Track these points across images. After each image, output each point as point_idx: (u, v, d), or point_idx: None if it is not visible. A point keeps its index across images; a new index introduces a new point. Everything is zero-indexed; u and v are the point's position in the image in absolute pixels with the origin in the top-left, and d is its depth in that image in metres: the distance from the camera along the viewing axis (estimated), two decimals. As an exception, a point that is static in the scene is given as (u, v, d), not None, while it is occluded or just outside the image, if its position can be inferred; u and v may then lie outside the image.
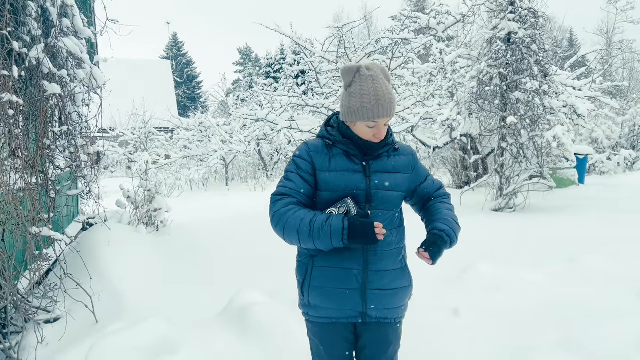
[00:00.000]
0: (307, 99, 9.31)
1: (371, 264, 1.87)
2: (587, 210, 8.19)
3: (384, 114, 1.83)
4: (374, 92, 1.82)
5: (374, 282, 1.88)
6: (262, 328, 3.06)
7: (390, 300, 1.92)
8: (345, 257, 1.85)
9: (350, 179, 1.85)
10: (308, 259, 1.94)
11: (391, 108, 1.84)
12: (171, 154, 15.27)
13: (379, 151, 1.93)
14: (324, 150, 1.92)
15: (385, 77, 1.89)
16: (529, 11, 7.95)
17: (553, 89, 8.15)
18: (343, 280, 1.87)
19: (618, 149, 15.56)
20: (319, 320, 1.94)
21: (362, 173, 1.87)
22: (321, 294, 1.90)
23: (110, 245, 4.68)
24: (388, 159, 1.94)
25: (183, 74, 45.29)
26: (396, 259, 1.95)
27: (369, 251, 1.87)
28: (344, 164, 1.88)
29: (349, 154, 1.90)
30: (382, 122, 1.86)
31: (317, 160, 1.91)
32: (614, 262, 4.94)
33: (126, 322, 3.18)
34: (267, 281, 4.43)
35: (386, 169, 1.91)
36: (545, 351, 3.12)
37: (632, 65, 25.79)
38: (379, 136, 1.87)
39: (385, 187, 1.88)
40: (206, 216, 8.55)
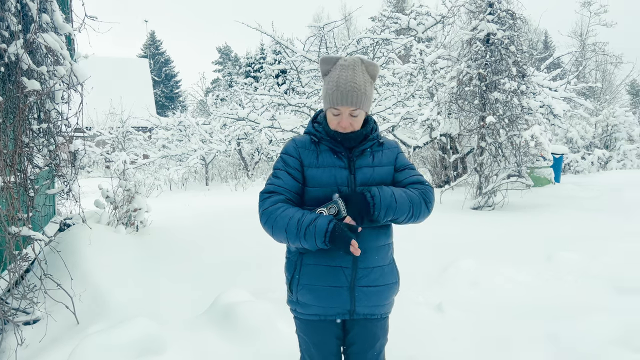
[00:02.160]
0: (288, 98, 9.29)
1: (360, 261, 1.88)
2: (563, 208, 8.38)
3: (342, 101, 1.83)
4: (337, 79, 1.85)
5: (363, 278, 1.89)
6: (248, 326, 3.05)
7: (378, 297, 1.93)
8: (335, 254, 1.86)
9: (336, 175, 1.86)
10: (297, 257, 1.94)
11: (352, 97, 1.82)
12: (150, 154, 15.05)
13: (363, 146, 1.93)
14: (311, 147, 1.94)
15: (367, 69, 1.90)
16: (507, 13, 8.10)
17: (530, 90, 8.32)
18: (332, 278, 1.87)
19: (592, 149, 15.95)
20: (307, 317, 1.95)
21: (347, 169, 1.89)
22: (310, 291, 1.90)
23: (91, 245, 4.60)
24: (372, 154, 1.94)
25: (161, 73, 44.71)
26: (385, 255, 1.96)
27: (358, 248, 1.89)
28: (330, 160, 1.89)
29: (335, 151, 1.91)
30: (345, 111, 1.86)
31: (304, 156, 1.92)
32: (589, 259, 5.06)
33: (108, 322, 3.14)
34: (251, 280, 4.42)
35: (370, 164, 1.92)
36: (525, 345, 3.19)
37: (605, 67, 26.43)
38: (342, 125, 1.86)
39: (369, 182, 1.88)
40: (186, 216, 8.46)
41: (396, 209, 1.82)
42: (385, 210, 1.79)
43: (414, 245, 4.90)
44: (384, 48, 10.18)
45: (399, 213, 1.83)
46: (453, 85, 8.56)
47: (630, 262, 4.90)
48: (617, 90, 27.66)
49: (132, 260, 5.04)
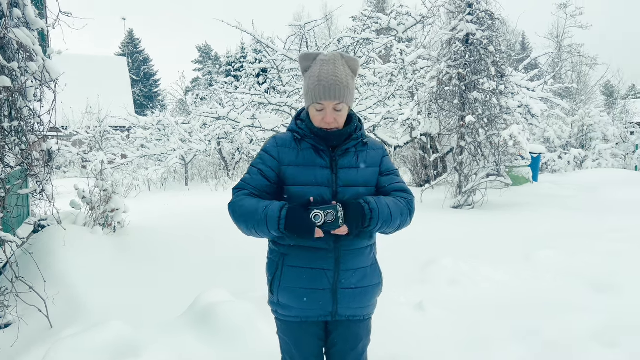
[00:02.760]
0: (269, 97, 9.23)
1: (342, 263, 1.85)
2: (541, 207, 8.50)
3: (325, 95, 1.78)
4: (318, 73, 1.81)
5: (345, 280, 1.86)
6: (228, 327, 3.00)
7: (361, 299, 1.91)
8: (317, 256, 1.83)
9: (317, 175, 1.82)
10: (279, 257, 1.90)
11: (335, 90, 1.78)
12: (128, 154, 14.82)
13: (346, 145, 1.88)
14: (292, 144, 1.89)
15: (347, 64, 1.86)
16: (486, 13, 8.18)
17: (509, 90, 8.41)
18: (314, 280, 1.84)
19: (568, 148, 16.24)
20: (288, 318, 1.91)
21: (329, 169, 1.84)
22: (291, 293, 1.87)
23: (66, 246, 4.49)
24: (356, 154, 1.89)
25: (140, 72, 44.06)
26: (367, 256, 1.93)
27: (340, 250, 1.84)
28: (311, 158, 1.85)
29: (317, 149, 1.86)
30: (329, 106, 1.81)
31: (284, 154, 1.87)
32: (566, 257, 5.13)
33: (83, 326, 3.06)
34: (231, 280, 4.36)
35: (353, 165, 1.87)
36: (505, 343, 3.20)
37: (580, 69, 26.96)
38: (327, 120, 1.81)
39: (351, 183, 1.84)
40: (165, 216, 8.34)
41: (390, 223, 1.81)
42: (381, 224, 1.78)
43: (394, 244, 4.89)
44: (365, 48, 10.19)
45: (392, 226, 1.83)
46: (433, 85, 8.62)
47: (606, 260, 4.98)
48: (592, 91, 28.24)
49: (109, 262, 4.94)
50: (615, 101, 28.11)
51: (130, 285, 4.35)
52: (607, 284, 4.21)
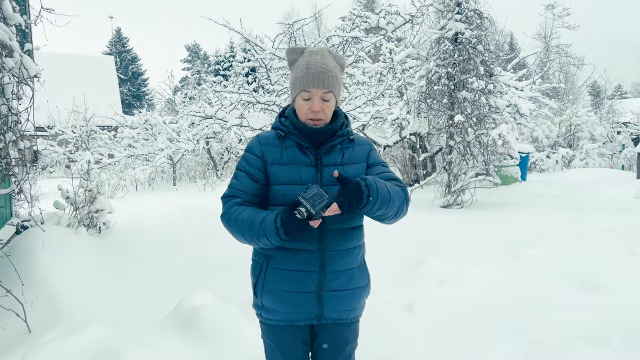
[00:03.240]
0: (257, 96, 9.14)
1: (328, 265, 1.78)
2: (530, 206, 8.53)
3: (314, 82, 1.73)
4: (307, 62, 1.76)
5: (331, 282, 1.79)
6: (212, 330, 2.93)
7: (347, 301, 1.84)
8: (302, 258, 1.76)
9: (302, 173, 1.76)
10: (263, 259, 1.85)
11: (323, 78, 1.73)
12: (115, 153, 14.63)
13: (332, 142, 1.82)
14: (275, 142, 1.82)
15: (335, 59, 1.82)
16: (475, 12, 8.17)
17: (498, 89, 8.42)
18: (298, 283, 1.77)
19: (556, 148, 16.35)
20: (273, 322, 1.85)
21: (313, 167, 1.78)
22: (275, 296, 1.81)
23: (46, 248, 4.37)
24: (342, 151, 1.83)
25: (128, 71, 43.68)
26: (355, 258, 1.86)
27: (326, 251, 1.78)
28: (295, 156, 1.79)
29: (302, 147, 1.80)
30: (317, 94, 1.75)
31: (268, 153, 1.81)
32: (554, 256, 5.15)
33: (63, 330, 2.96)
34: (218, 282, 4.30)
35: (338, 162, 1.81)
36: (494, 343, 3.18)
37: (568, 69, 27.18)
38: (314, 108, 1.75)
39: (335, 182, 1.73)
40: (152, 217, 8.21)
41: (389, 203, 1.69)
42: (380, 202, 1.66)
43: (382, 244, 4.86)
44: (354, 47, 10.15)
45: (390, 207, 1.71)
46: (422, 84, 8.59)
47: (594, 260, 5.00)
48: (580, 91, 28.51)
49: (93, 264, 4.84)
50: (602, 101, 28.41)
51: (114, 288, 4.25)
52: (595, 284, 4.22)
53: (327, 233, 1.77)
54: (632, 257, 5.08)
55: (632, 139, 18.95)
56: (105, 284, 4.32)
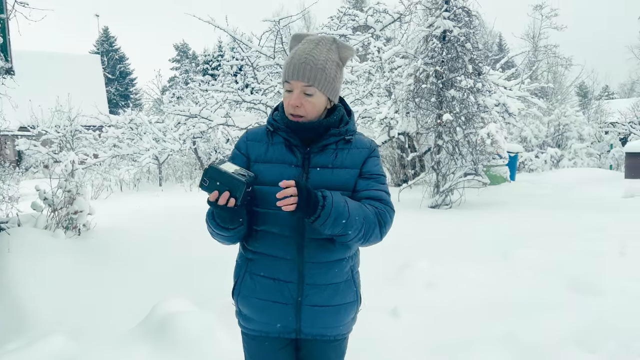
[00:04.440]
0: (243, 95, 8.97)
1: (307, 277, 1.61)
2: (518, 206, 8.49)
3: (293, 73, 1.56)
4: (294, 51, 1.60)
5: (311, 297, 1.62)
6: (185, 339, 2.77)
7: (329, 318, 1.65)
8: (278, 266, 1.61)
9: (284, 173, 1.57)
10: (243, 262, 1.69)
11: (304, 70, 1.55)
12: (99, 153, 14.35)
13: (325, 141, 1.62)
14: (264, 138, 1.67)
15: (338, 50, 1.63)
16: (463, 10, 8.08)
17: (486, 88, 8.34)
18: (274, 292, 1.62)
19: (545, 148, 16.36)
20: (250, 332, 1.70)
21: (300, 167, 1.60)
22: (250, 304, 1.66)
23: (19, 251, 4.19)
24: (335, 152, 1.63)
25: (115, 70, 43.19)
26: (340, 271, 1.66)
27: (304, 262, 1.60)
28: (281, 154, 1.62)
29: (290, 144, 1.62)
30: (296, 87, 1.57)
31: (253, 150, 1.65)
32: (543, 256, 5.10)
33: (27, 339, 2.79)
34: (200, 285, 4.17)
35: (327, 164, 1.61)
36: (484, 346, 3.08)
37: (556, 69, 27.30)
38: (291, 102, 1.57)
39: (323, 185, 1.56)
40: (136, 218, 8.04)
41: (346, 223, 1.49)
42: (333, 218, 1.47)
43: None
44: (342, 45, 10.00)
45: (348, 228, 1.50)
46: (410, 83, 8.49)
47: (584, 259, 4.94)
48: (568, 92, 28.65)
49: (69, 267, 4.67)
50: (590, 101, 28.60)
51: (89, 292, 4.08)
52: (586, 284, 4.15)
53: (306, 242, 1.59)
54: (623, 257, 5.02)
55: (619, 139, 19.06)
56: (79, 288, 4.14)
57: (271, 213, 1.58)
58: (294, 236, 1.58)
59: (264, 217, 1.61)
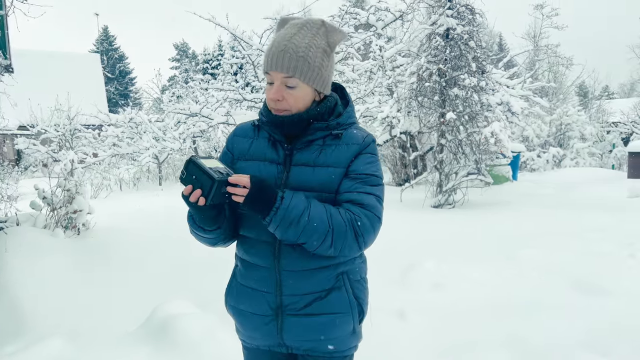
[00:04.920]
0: (244, 93, 8.89)
1: (285, 287, 1.45)
2: (521, 205, 8.43)
3: (270, 63, 1.40)
4: (274, 38, 1.44)
5: (291, 307, 1.46)
6: (186, 342, 2.70)
7: (315, 331, 1.47)
8: (257, 275, 1.48)
9: (264, 172, 1.45)
10: (234, 268, 1.60)
11: (282, 59, 1.38)
12: (99, 152, 14.28)
13: (310, 136, 1.46)
14: (249, 133, 1.55)
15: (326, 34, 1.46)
16: (467, 7, 8.01)
17: (490, 86, 8.26)
18: (253, 303, 1.50)
19: (547, 147, 16.29)
20: (244, 342, 1.61)
21: (281, 165, 1.46)
22: (235, 314, 1.57)
23: (17, 251, 4.12)
24: (320, 149, 1.46)
25: (115, 70, 43.10)
26: (325, 279, 1.47)
27: (282, 271, 1.45)
28: (262, 151, 1.49)
29: (273, 140, 1.49)
30: (276, 79, 1.41)
31: (237, 146, 1.55)
32: (548, 256, 5.05)
33: (25, 342, 2.72)
34: (202, 287, 4.08)
35: (309, 162, 1.44)
36: (490, 348, 3.01)
37: (557, 69, 27.21)
38: (270, 96, 1.42)
39: (303, 185, 1.41)
40: (136, 218, 7.97)
41: (305, 230, 1.33)
42: (287, 223, 1.32)
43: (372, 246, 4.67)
44: (344, 43, 9.93)
45: (307, 235, 1.34)
46: (413, 81, 8.41)
47: (591, 260, 4.88)
48: (568, 91, 28.57)
49: (68, 267, 4.59)
50: (590, 101, 28.54)
51: (89, 293, 4.01)
52: (594, 285, 4.09)
53: (283, 249, 1.44)
54: (632, 258, 4.94)
55: (621, 139, 19.00)
56: (78, 288, 4.07)
57: (247, 216, 1.47)
58: (271, 242, 1.44)
59: (242, 221, 1.50)
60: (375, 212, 1.42)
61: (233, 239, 1.55)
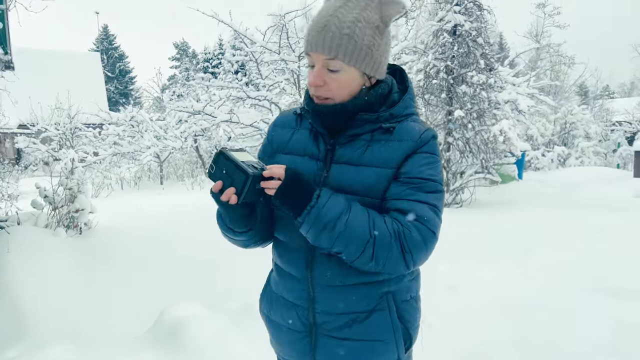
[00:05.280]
0: (248, 90, 8.76)
1: (318, 302, 1.27)
2: (527, 205, 8.35)
3: (310, 43, 1.20)
4: (316, 14, 1.23)
5: (326, 325, 1.28)
6: (197, 346, 2.58)
7: (353, 355, 1.28)
8: (288, 283, 1.32)
9: (301, 168, 1.25)
10: (271, 269, 1.44)
11: (322, 38, 1.17)
12: (100, 151, 14.17)
13: (356, 130, 1.24)
14: (291, 124, 1.37)
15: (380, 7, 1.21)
16: (474, 4, 7.89)
17: (498, 84, 8.15)
18: (285, 315, 1.33)
19: (551, 146, 16.18)
20: (277, 354, 1.45)
21: (321, 162, 1.26)
22: (267, 324, 1.42)
23: (18, 251, 3.99)
24: (366, 145, 1.24)
25: (115, 69, 42.97)
26: (364, 297, 1.26)
27: (315, 284, 1.26)
28: (303, 144, 1.30)
29: (316, 132, 1.30)
30: (317, 61, 1.20)
31: (277, 138, 1.38)
32: (559, 256, 4.99)
33: (26, 346, 2.59)
34: (208, 287, 4.00)
35: (353, 160, 1.24)
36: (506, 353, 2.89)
37: (559, 68, 27.10)
38: (310, 81, 1.22)
39: (344, 187, 1.21)
40: (138, 217, 7.87)
41: (339, 237, 1.14)
42: (321, 226, 1.14)
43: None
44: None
45: (341, 244, 1.14)
46: (420, 79, 8.29)
47: (595, 260, 4.77)
48: (571, 90, 28.47)
49: (71, 268, 4.47)
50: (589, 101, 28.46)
51: (92, 294, 3.89)
52: (616, 287, 3.96)
53: (317, 258, 1.25)
54: (638, 258, 4.84)
55: (625, 138, 18.90)
56: (82, 289, 3.95)
57: (281, 215, 1.31)
58: (304, 249, 1.26)
59: (277, 222, 1.34)
60: (428, 226, 1.18)
61: (269, 240, 1.39)
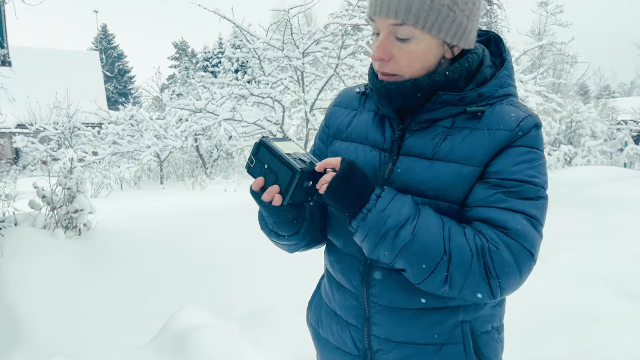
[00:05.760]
0: (251, 88, 8.57)
1: (375, 325, 1.03)
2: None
3: (375, 6, 0.94)
4: None
5: (383, 354, 1.04)
6: (206, 356, 2.37)
7: None
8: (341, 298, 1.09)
9: (360, 159, 1.02)
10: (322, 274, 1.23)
11: None
12: (99, 151, 13.99)
13: (431, 114, 0.97)
14: (353, 104, 1.12)
15: None
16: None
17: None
18: (336, 332, 1.11)
19: (557, 145, 15.98)
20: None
21: (386, 153, 1.01)
22: (315, 338, 1.20)
23: (12, 253, 3.79)
24: (445, 133, 0.97)
25: (114, 68, 42.79)
26: (434, 326, 1.01)
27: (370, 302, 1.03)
28: (364, 129, 1.05)
29: (383, 117, 1.04)
30: (383, 28, 0.95)
31: (334, 120, 1.13)
32: (582, 260, 4.78)
33: (23, 357, 2.39)
34: (213, 291, 3.82)
35: (426, 153, 0.97)
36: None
37: (562, 67, 26.97)
38: (374, 53, 0.96)
39: (409, 185, 0.97)
40: (139, 218, 7.68)
41: (403, 250, 0.88)
42: (381, 233, 0.89)
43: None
44: (352, 38, 9.62)
45: (405, 258, 0.89)
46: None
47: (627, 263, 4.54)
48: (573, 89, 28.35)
49: (69, 270, 4.28)
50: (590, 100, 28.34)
51: (92, 299, 3.69)
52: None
53: (374, 270, 1.02)
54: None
55: (631, 137, 18.73)
56: (81, 293, 3.75)
57: (335, 216, 1.08)
58: (361, 258, 1.03)
59: (329, 221, 1.11)
60: (524, 243, 0.89)
61: (321, 242, 1.15)
